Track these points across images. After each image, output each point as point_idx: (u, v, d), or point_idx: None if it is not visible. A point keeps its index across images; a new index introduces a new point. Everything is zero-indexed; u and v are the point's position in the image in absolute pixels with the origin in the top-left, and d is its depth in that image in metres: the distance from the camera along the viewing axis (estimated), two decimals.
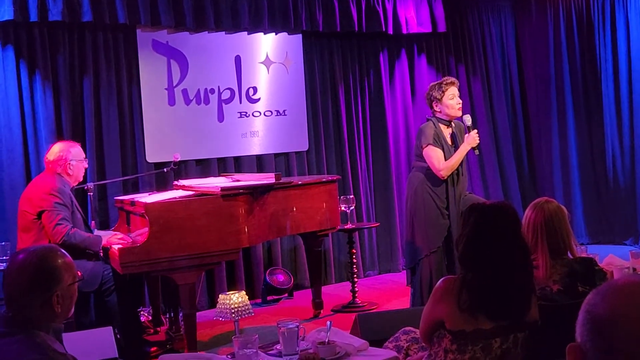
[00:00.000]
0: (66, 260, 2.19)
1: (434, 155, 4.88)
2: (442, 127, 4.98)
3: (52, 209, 4.52)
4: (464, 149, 4.91)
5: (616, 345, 1.07)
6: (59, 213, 4.52)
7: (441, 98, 4.95)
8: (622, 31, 7.46)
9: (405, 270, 6.34)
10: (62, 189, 4.60)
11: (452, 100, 4.95)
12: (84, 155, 4.93)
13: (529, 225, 3.07)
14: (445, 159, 4.88)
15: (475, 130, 4.97)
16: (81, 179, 4.94)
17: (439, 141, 4.91)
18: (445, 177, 4.88)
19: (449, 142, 4.98)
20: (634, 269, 3.71)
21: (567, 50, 7.82)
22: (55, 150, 4.78)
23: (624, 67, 7.45)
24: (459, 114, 5.00)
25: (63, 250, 2.23)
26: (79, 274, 2.25)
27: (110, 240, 4.68)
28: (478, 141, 4.93)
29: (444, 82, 5.00)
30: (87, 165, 4.99)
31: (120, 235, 4.78)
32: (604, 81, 7.65)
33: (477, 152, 5.01)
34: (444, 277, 2.71)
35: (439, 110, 4.98)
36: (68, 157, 4.73)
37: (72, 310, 2.23)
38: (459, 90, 5.07)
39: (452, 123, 5.05)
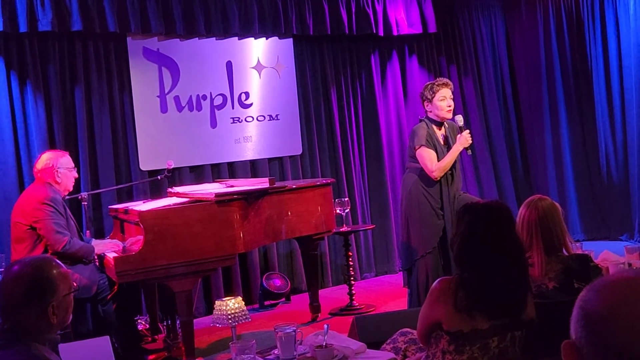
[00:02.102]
0: (61, 271, 2.18)
1: (427, 157, 4.88)
2: (435, 127, 4.98)
3: (49, 218, 4.51)
4: (456, 149, 4.91)
5: (611, 341, 1.07)
6: (57, 221, 4.52)
7: (432, 99, 4.96)
8: (612, 28, 7.49)
9: (402, 272, 6.34)
10: (54, 197, 4.59)
11: (442, 102, 4.94)
12: (73, 165, 4.88)
13: (524, 223, 3.08)
14: (438, 160, 4.88)
15: (468, 131, 4.96)
16: (71, 189, 4.89)
17: (431, 142, 4.91)
18: (438, 178, 4.88)
19: (442, 143, 4.98)
20: (630, 264, 3.71)
21: (558, 48, 7.85)
22: (44, 158, 4.76)
23: (615, 64, 7.47)
24: (448, 116, 5.00)
25: (58, 261, 2.22)
26: (75, 284, 2.25)
27: (100, 249, 4.71)
28: (470, 141, 4.93)
29: (436, 83, 5.01)
30: (76, 175, 4.93)
31: (110, 245, 4.79)
32: (595, 78, 7.67)
33: (469, 152, 5.01)
34: (439, 278, 2.71)
35: (429, 110, 4.99)
36: (56, 164, 4.70)
37: (69, 320, 2.22)
38: (453, 92, 5.06)
39: (446, 124, 5.06)
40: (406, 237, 5.04)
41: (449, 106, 4.96)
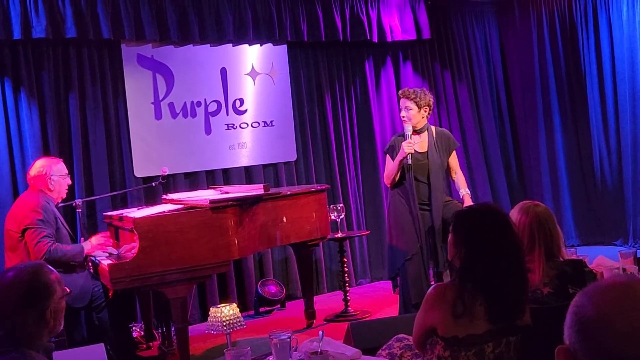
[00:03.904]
0: (56, 275, 2.22)
1: (386, 164, 5.14)
2: (412, 135, 5.03)
3: (35, 227, 4.48)
4: (396, 160, 4.97)
5: (604, 345, 1.07)
6: (42, 230, 4.48)
7: None
8: (605, 33, 7.52)
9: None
10: (45, 205, 4.57)
11: (400, 112, 5.09)
12: (67, 172, 4.87)
13: (524, 229, 3.02)
14: (408, 168, 4.93)
15: (407, 142, 4.94)
16: (64, 196, 4.88)
17: (395, 149, 5.00)
18: (388, 185, 5.09)
19: (419, 150, 5.00)
20: (624, 269, 3.72)
21: (552, 53, 7.87)
22: (37, 165, 4.75)
23: (608, 69, 7.50)
24: (405, 125, 5.04)
25: (50, 266, 2.24)
26: (67, 289, 2.26)
27: (93, 246, 4.69)
28: (406, 153, 4.90)
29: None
30: (70, 182, 4.93)
31: (102, 241, 4.76)
32: (589, 83, 7.69)
33: (409, 162, 4.97)
34: (435, 284, 2.71)
35: None
36: (49, 172, 4.69)
37: (62, 325, 2.23)
38: (417, 102, 5.01)
39: (434, 131, 5.10)
40: (389, 245, 5.13)
41: (403, 117, 5.07)
